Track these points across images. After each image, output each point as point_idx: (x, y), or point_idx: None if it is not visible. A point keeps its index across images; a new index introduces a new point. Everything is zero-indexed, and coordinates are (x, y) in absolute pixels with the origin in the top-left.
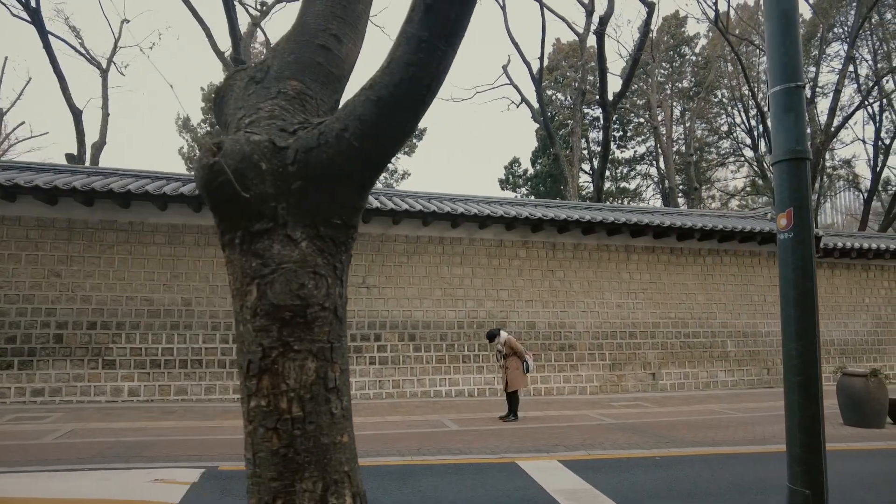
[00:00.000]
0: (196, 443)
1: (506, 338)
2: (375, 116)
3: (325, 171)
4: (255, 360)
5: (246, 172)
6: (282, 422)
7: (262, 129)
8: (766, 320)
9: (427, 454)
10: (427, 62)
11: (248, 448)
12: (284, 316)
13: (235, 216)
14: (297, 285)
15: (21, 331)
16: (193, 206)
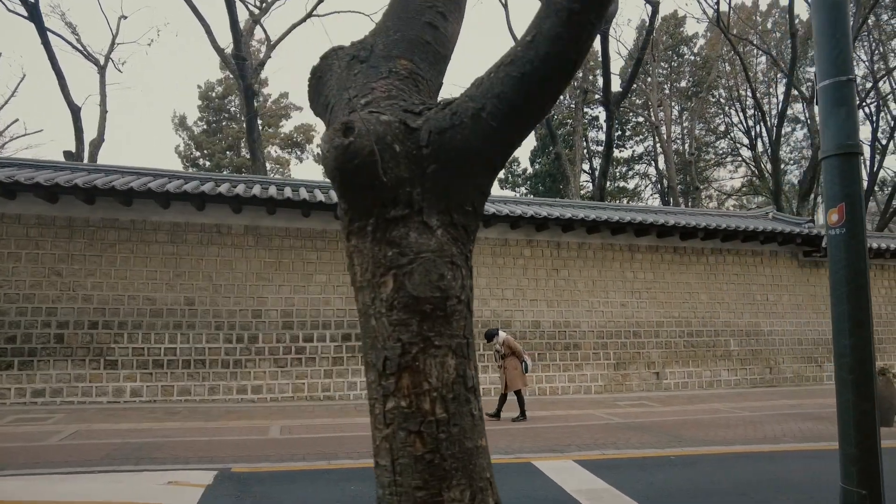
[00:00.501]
0: (204, 444)
1: (504, 338)
2: (516, 94)
3: (460, 153)
4: (394, 357)
5: (382, 154)
6: (426, 424)
7: (385, 110)
8: (767, 319)
9: None
10: (576, 36)
11: (382, 453)
12: (425, 309)
13: (368, 202)
14: (436, 276)
15: (21, 330)
16: (196, 204)
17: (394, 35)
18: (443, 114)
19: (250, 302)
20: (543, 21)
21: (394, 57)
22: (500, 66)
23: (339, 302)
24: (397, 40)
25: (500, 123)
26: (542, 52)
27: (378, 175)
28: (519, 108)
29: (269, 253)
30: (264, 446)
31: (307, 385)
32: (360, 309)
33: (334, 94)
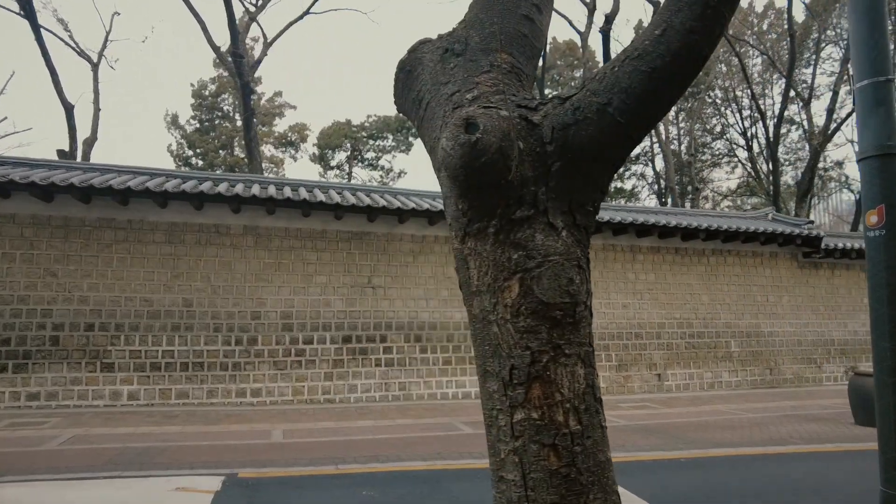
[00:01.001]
0: (207, 448)
1: None
2: (645, 89)
3: (584, 150)
4: (522, 366)
5: (508, 152)
6: (560, 437)
7: (499, 104)
8: (768, 321)
9: (449, 458)
10: (710, 29)
11: (508, 467)
12: (555, 315)
13: (492, 202)
14: (565, 280)
15: (16, 333)
16: (195, 203)
17: (490, 28)
18: (563, 109)
19: (249, 303)
20: (675, 15)
21: (493, 50)
22: (626, 60)
23: (339, 303)
24: (494, 33)
25: (627, 119)
26: (673, 47)
27: (505, 173)
28: (647, 104)
29: (268, 253)
30: (268, 451)
31: (307, 388)
32: (475, 315)
33: (428, 88)
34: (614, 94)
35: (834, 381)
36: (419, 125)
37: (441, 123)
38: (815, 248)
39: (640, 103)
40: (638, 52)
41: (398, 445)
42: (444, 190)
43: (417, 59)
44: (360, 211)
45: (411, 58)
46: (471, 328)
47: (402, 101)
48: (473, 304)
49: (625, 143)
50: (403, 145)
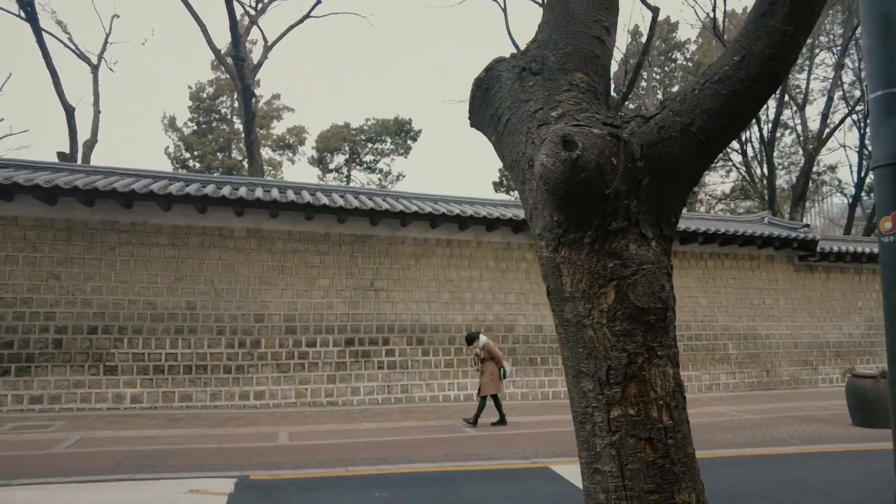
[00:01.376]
0: (215, 451)
1: (485, 342)
2: (725, 111)
3: (670, 166)
4: (619, 367)
5: (604, 168)
6: (655, 431)
7: (586, 122)
8: (765, 323)
9: (458, 460)
10: (787, 56)
11: (604, 459)
12: (649, 319)
13: (589, 214)
14: (657, 287)
15: (18, 335)
16: (198, 206)
17: (564, 49)
18: (648, 127)
19: (252, 306)
20: (754, 42)
21: (570, 70)
22: (707, 84)
23: (342, 306)
24: (570, 53)
25: (708, 138)
26: (752, 73)
27: (602, 188)
28: (727, 124)
29: (271, 256)
30: (277, 453)
31: (310, 391)
32: (567, 319)
33: (508, 105)
34: (696, 115)
35: (829, 383)
36: (497, 140)
37: (526, 139)
38: (810, 251)
39: (721, 124)
40: (718, 77)
41: (405, 447)
42: (531, 201)
43: (495, 77)
44: (362, 214)
45: (488, 76)
46: (560, 332)
47: (478, 117)
48: (566, 310)
49: (705, 159)
50: (402, 149)
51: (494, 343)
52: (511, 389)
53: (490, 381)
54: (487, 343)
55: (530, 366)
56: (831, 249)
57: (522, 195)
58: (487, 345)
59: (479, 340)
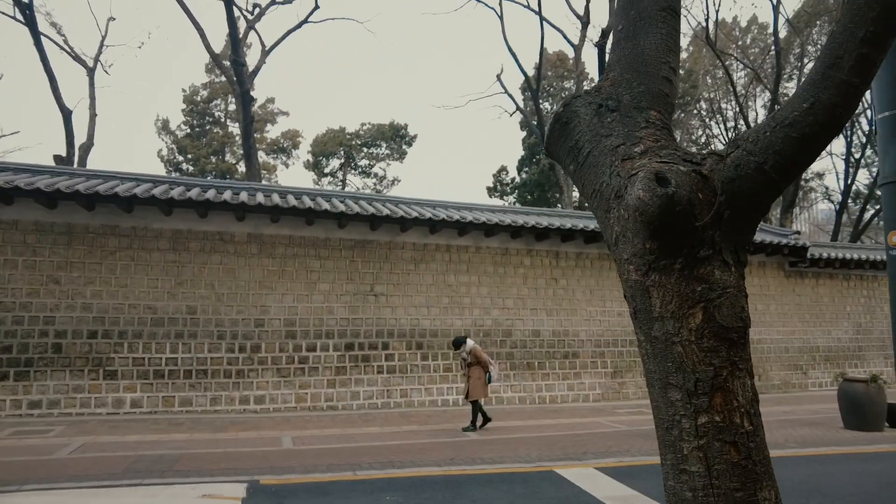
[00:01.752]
0: (221, 455)
1: (472, 346)
2: (795, 152)
3: (746, 200)
4: (706, 379)
5: (694, 202)
6: (739, 435)
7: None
8: (756, 328)
9: (463, 464)
10: (851, 105)
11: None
12: (732, 337)
13: (679, 243)
14: (739, 308)
15: (18, 340)
16: (200, 211)
17: (638, 88)
18: (724, 165)
19: (253, 311)
20: (822, 91)
21: (644, 108)
22: (778, 127)
23: (342, 311)
24: (643, 93)
25: (780, 175)
26: (820, 119)
27: (692, 220)
28: (797, 163)
29: (272, 261)
30: (283, 457)
31: (310, 395)
32: (656, 336)
33: (588, 139)
34: (769, 156)
35: (819, 387)
36: (576, 170)
37: (610, 172)
38: (801, 257)
39: (791, 163)
40: (789, 121)
41: (410, 451)
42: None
43: (573, 112)
44: (363, 219)
45: (567, 111)
46: (646, 347)
47: (556, 148)
48: (654, 328)
49: (775, 193)
50: (397, 153)
51: (486, 347)
52: (509, 394)
53: (480, 386)
54: (474, 347)
55: (528, 370)
56: (820, 256)
57: (606, 222)
58: (474, 349)
59: (467, 344)
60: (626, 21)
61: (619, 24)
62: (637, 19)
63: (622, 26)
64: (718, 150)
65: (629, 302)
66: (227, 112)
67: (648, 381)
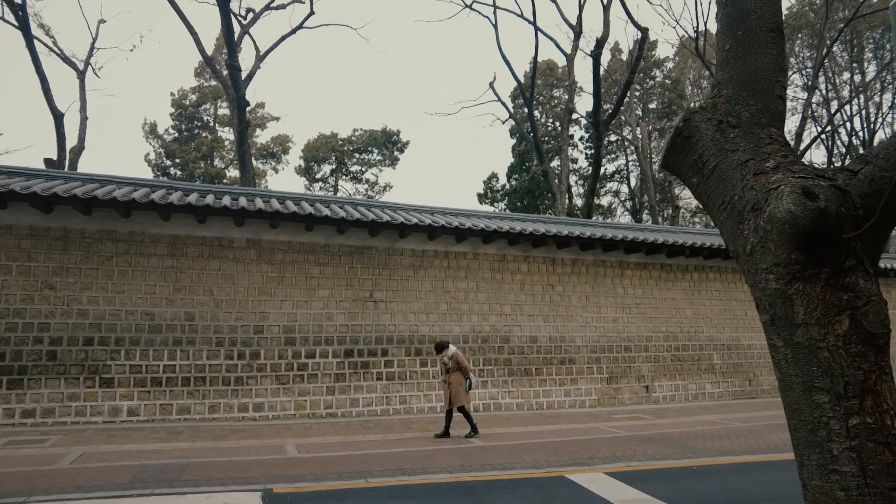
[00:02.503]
0: (227, 464)
1: (454, 352)
2: None
3: (882, 212)
4: (856, 383)
5: (840, 215)
6: (891, 437)
7: (801, 174)
8: (747, 334)
9: (473, 470)
10: None
11: (843, 461)
12: (879, 343)
13: (825, 254)
14: (883, 315)
15: (11, 347)
16: (199, 216)
17: (755, 105)
18: (857, 180)
19: (252, 317)
20: None
21: (764, 125)
22: None
23: (341, 317)
24: (761, 110)
25: None
26: None
27: (839, 232)
28: None
29: (271, 267)
30: (291, 465)
31: (309, 402)
32: (799, 342)
33: (713, 153)
34: None
35: None
36: (699, 182)
37: (742, 185)
38: None
39: None
40: None
41: (417, 458)
42: (753, 239)
43: (694, 128)
44: (362, 225)
45: (688, 126)
46: (785, 352)
47: (675, 161)
48: (797, 334)
49: None
50: (389, 160)
51: (484, 353)
52: (506, 400)
53: (463, 392)
54: (456, 353)
55: (525, 376)
56: None
57: (737, 232)
58: (456, 355)
59: (449, 350)
60: (732, 40)
61: (726, 43)
62: (745, 39)
63: (729, 45)
64: (846, 166)
65: (764, 309)
66: (217, 116)
67: (785, 385)
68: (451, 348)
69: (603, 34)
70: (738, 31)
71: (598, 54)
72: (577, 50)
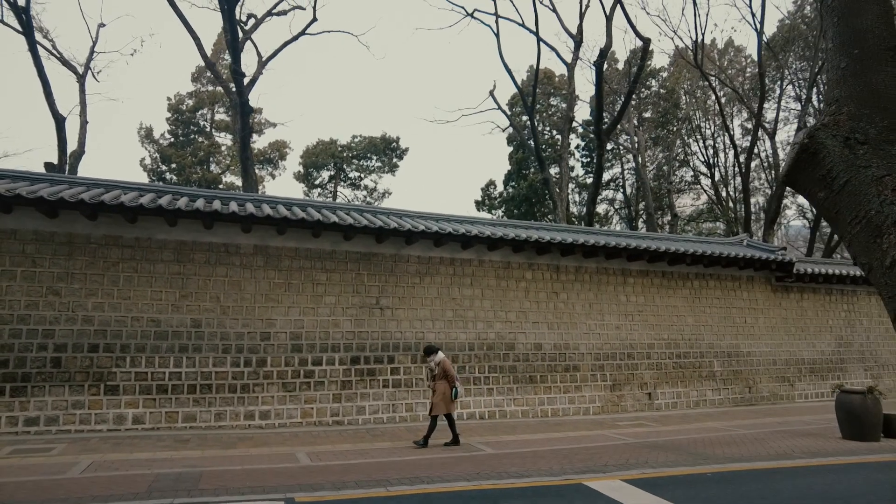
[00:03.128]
0: (241, 473)
1: (441, 358)
2: None
3: None
4: None
5: None
6: None
7: None
8: (747, 341)
9: (490, 478)
10: None
11: None
12: None
13: None
14: None
15: (14, 354)
16: (206, 222)
17: (881, 122)
18: None
19: (259, 324)
20: None
21: (893, 142)
22: None
23: (347, 324)
24: (888, 127)
25: None
26: None
27: None
28: None
29: (278, 273)
30: (306, 474)
31: (315, 410)
32: None
33: (842, 169)
34: None
35: (805, 399)
36: (828, 196)
37: (879, 200)
38: (787, 272)
39: None
40: None
41: (431, 466)
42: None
43: (820, 144)
44: (370, 232)
45: (813, 142)
46: None
47: (801, 177)
48: None
49: None
50: (388, 167)
51: (490, 361)
52: (512, 407)
53: (442, 401)
54: (444, 360)
55: (530, 384)
56: (805, 271)
57: (874, 247)
58: (444, 362)
59: (437, 356)
60: (849, 59)
61: (841, 61)
62: (863, 58)
63: (845, 64)
64: None
65: None
66: (214, 122)
67: None
68: (440, 355)
69: (606, 44)
70: (853, 49)
71: (601, 64)
72: (577, 59)
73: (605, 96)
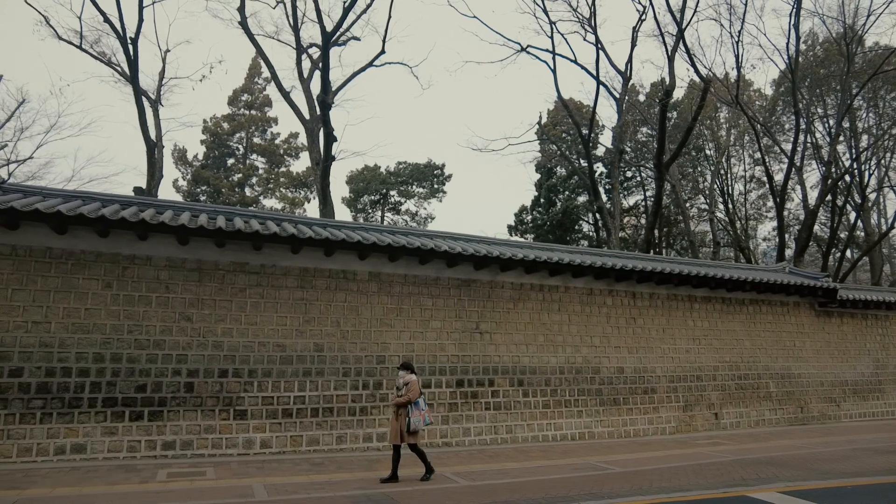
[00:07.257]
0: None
1: (412, 379)
2: None
3: None
4: None
5: None
6: None
7: None
8: (797, 363)
9: (653, 493)
10: None
11: None
12: None
13: None
14: None
15: (151, 378)
16: (325, 249)
17: None
18: None
19: (374, 347)
20: None
21: None
22: None
23: (452, 348)
24: None
25: None
26: None
27: None
28: None
29: (390, 299)
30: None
31: (426, 432)
32: None
33: None
34: None
35: (850, 419)
36: None
37: None
38: (831, 298)
39: None
40: None
41: (566, 485)
42: None
43: None
44: (470, 259)
45: None
46: None
47: None
48: None
49: None
50: (434, 194)
51: (578, 384)
52: (599, 429)
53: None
54: (413, 382)
55: (614, 405)
56: (846, 297)
57: None
58: (412, 383)
59: (408, 375)
60: None
61: None
62: None
63: None
64: None
65: None
66: (251, 145)
67: None
68: (411, 376)
69: (670, 83)
70: None
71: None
72: (626, 94)
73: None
